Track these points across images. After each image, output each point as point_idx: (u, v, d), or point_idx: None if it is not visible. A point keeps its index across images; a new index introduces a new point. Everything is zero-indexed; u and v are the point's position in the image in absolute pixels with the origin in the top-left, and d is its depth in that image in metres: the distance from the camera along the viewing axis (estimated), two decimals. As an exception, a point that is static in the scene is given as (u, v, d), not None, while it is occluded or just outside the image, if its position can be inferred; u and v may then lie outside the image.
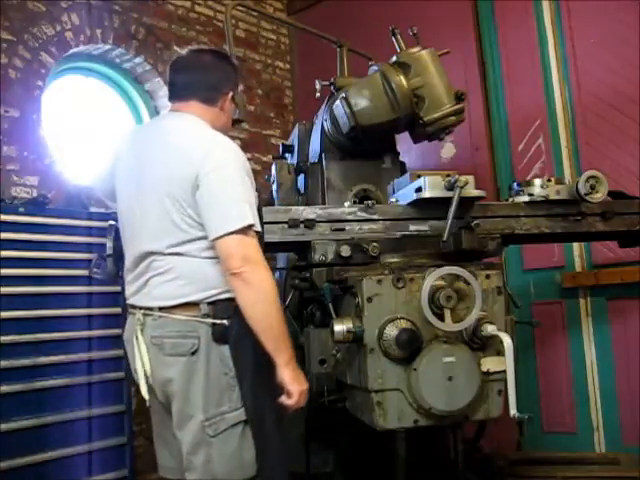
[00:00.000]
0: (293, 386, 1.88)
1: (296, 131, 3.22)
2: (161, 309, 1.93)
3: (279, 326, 1.86)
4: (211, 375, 1.88)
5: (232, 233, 1.81)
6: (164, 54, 4.26)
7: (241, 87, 2.24)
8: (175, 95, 2.08)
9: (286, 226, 2.39)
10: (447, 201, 2.28)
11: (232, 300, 1.88)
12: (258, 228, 1.88)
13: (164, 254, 1.92)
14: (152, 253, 1.95)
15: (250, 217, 1.84)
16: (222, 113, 2.09)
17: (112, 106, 4.23)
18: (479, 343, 2.17)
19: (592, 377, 3.60)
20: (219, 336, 1.88)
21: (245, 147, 2.30)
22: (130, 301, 2.06)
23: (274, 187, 3.01)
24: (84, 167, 3.98)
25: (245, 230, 1.83)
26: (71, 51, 3.78)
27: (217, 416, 1.88)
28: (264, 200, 2.47)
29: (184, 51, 2.12)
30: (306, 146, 3.11)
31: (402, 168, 3.01)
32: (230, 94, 2.09)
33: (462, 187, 2.28)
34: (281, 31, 5.17)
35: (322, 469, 2.74)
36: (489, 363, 2.18)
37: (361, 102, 2.67)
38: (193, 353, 1.88)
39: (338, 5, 4.71)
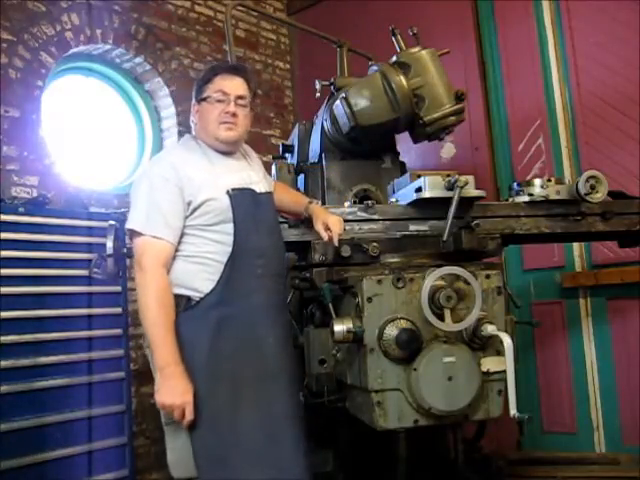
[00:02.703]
0: (155, 395, 1.90)
1: (296, 131, 3.22)
2: None
3: (152, 330, 1.89)
4: None
5: (131, 237, 2.00)
6: (164, 54, 4.26)
7: (222, 71, 2.15)
8: None
9: (286, 226, 2.40)
10: (447, 201, 2.28)
11: (183, 296, 1.95)
12: (149, 232, 1.93)
13: None
14: None
15: (135, 222, 1.96)
16: (193, 124, 2.17)
17: (112, 106, 4.23)
18: (479, 343, 2.17)
19: (592, 377, 3.60)
20: None
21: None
22: None
23: (274, 187, 3.01)
24: (84, 167, 3.98)
25: (138, 234, 1.96)
26: (71, 51, 3.78)
27: None
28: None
29: None
30: (306, 146, 3.11)
31: (402, 168, 3.01)
32: (192, 104, 2.16)
33: (462, 187, 2.28)
34: (281, 31, 5.18)
35: (322, 469, 2.74)
36: (489, 363, 2.18)
37: (361, 102, 2.67)
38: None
39: (338, 5, 4.71)
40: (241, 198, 2.04)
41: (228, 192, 2.01)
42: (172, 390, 1.86)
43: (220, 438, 1.90)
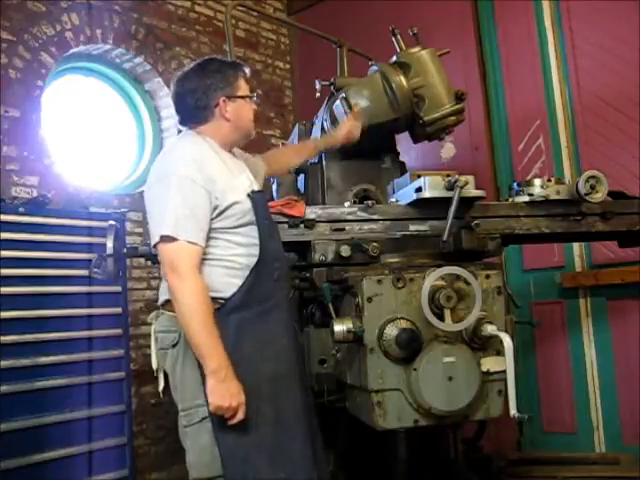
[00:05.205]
0: (210, 397, 1.85)
1: (296, 131, 3.22)
2: (162, 306, 2.04)
3: (201, 334, 1.85)
4: (187, 367, 1.94)
5: (160, 242, 1.90)
6: (164, 54, 4.26)
7: (246, 70, 2.16)
8: (180, 123, 2.18)
9: (286, 226, 2.40)
10: (447, 201, 2.28)
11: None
12: (184, 237, 1.87)
13: None
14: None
15: (168, 227, 1.88)
16: (223, 121, 2.08)
17: (112, 106, 4.23)
18: (479, 343, 2.17)
19: (592, 377, 3.60)
20: None
21: (245, 147, 2.27)
22: None
23: (274, 187, 3.01)
24: (84, 167, 3.98)
25: (170, 239, 1.88)
26: (71, 51, 3.78)
27: (192, 408, 1.93)
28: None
29: (174, 79, 2.16)
30: (306, 146, 3.11)
31: (402, 168, 3.01)
32: (222, 99, 2.05)
33: (462, 187, 2.28)
34: (281, 31, 5.17)
35: (322, 469, 2.74)
36: (489, 363, 2.18)
37: (361, 102, 2.67)
38: (174, 346, 1.97)
39: (338, 5, 4.71)
40: (260, 201, 2.04)
41: (249, 195, 2.01)
42: (229, 392, 1.85)
43: (244, 438, 1.91)
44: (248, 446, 1.91)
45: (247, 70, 2.17)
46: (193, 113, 2.08)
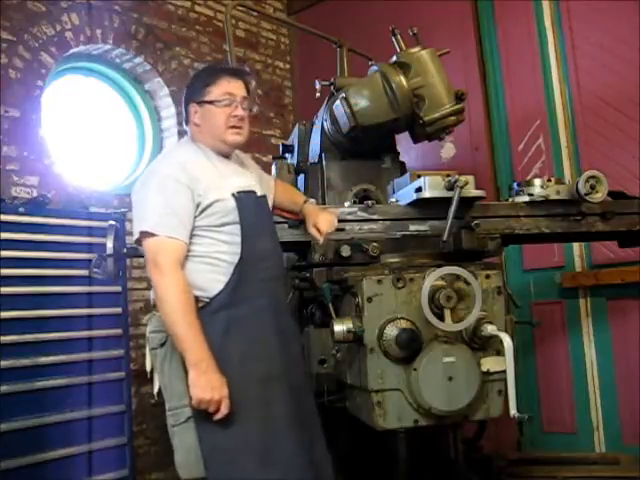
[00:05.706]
0: (192, 390, 1.86)
1: (296, 131, 3.22)
2: (154, 307, 2.05)
3: (180, 329, 1.87)
4: (174, 366, 1.96)
5: (142, 239, 1.95)
6: (164, 54, 4.26)
7: (226, 83, 2.08)
8: None
9: (286, 226, 2.40)
10: (447, 201, 2.29)
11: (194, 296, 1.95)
12: (164, 233, 1.91)
13: None
14: None
15: (148, 224, 1.93)
16: (194, 126, 2.11)
17: (112, 106, 4.23)
18: (479, 343, 2.17)
19: (592, 377, 3.60)
20: None
21: (245, 147, 2.27)
22: None
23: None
24: (84, 167, 3.98)
25: (150, 235, 1.92)
26: (71, 51, 3.78)
27: (179, 407, 1.95)
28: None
29: None
30: (306, 146, 3.11)
31: (402, 168, 3.01)
32: (191, 105, 2.10)
33: (462, 187, 2.29)
34: (281, 31, 5.17)
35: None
36: (489, 363, 2.18)
37: (361, 102, 2.67)
38: (162, 345, 2.00)
39: (338, 5, 4.71)
40: (246, 201, 2.04)
41: (234, 194, 2.01)
42: (210, 384, 1.85)
43: (229, 439, 1.90)
44: (234, 446, 1.90)
45: (226, 72, 2.12)
46: (184, 116, 2.18)
